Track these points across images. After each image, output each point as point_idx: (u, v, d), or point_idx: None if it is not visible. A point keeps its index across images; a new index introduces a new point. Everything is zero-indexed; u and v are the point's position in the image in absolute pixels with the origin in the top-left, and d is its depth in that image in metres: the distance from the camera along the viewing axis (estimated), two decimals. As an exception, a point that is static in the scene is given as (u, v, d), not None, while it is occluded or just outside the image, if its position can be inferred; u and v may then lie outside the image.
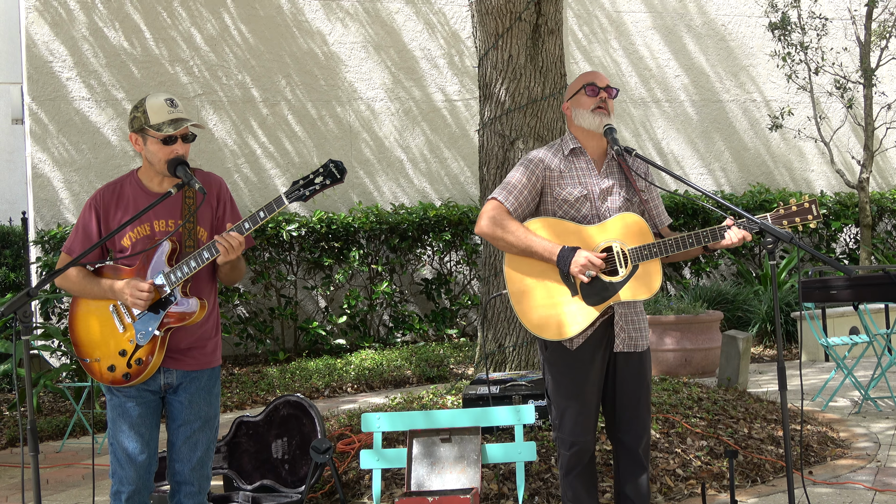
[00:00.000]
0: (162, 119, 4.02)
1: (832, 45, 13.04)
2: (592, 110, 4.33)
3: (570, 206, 4.30)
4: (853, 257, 13.22)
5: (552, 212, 4.33)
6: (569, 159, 4.37)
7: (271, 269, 11.33)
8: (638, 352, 4.34)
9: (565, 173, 4.34)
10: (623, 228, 4.23)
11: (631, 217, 4.26)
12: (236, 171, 11.80)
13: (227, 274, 4.15)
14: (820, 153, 13.77)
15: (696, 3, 13.59)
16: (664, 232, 4.45)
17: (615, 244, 4.20)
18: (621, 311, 4.28)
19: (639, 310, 4.37)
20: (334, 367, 10.09)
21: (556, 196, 4.32)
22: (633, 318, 4.32)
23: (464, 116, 12.61)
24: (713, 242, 4.15)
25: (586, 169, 4.36)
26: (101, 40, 11.40)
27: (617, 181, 4.37)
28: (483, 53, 7.37)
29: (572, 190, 4.31)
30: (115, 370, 4.04)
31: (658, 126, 13.42)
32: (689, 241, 4.15)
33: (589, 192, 4.31)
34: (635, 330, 4.33)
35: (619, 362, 4.33)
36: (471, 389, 6.33)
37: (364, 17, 12.32)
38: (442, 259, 11.99)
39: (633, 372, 4.34)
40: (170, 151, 4.04)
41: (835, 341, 8.51)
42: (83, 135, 11.32)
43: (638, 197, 4.38)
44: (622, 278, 4.19)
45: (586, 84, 4.37)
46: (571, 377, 4.30)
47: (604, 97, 4.33)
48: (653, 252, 4.16)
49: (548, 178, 4.34)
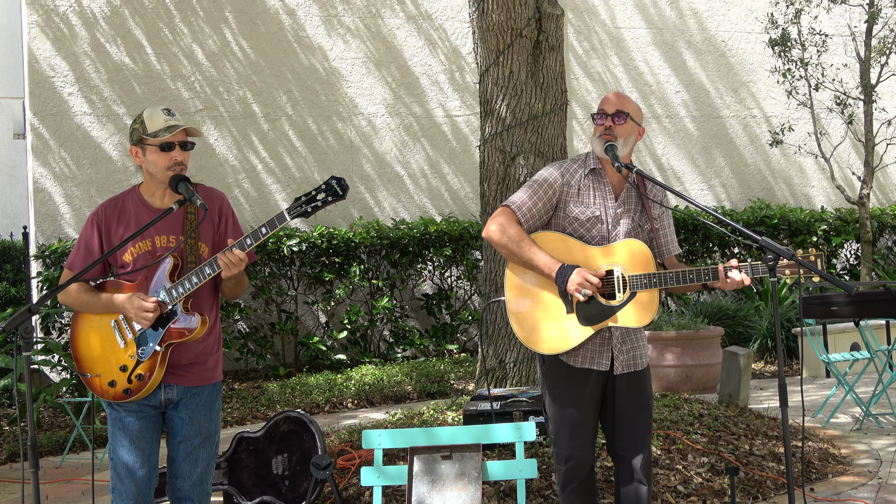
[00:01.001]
0: (159, 126, 4.05)
1: (832, 62, 13.07)
2: (598, 136, 4.38)
3: (580, 224, 4.33)
4: (854, 273, 13.22)
5: (562, 227, 4.35)
6: (589, 178, 4.40)
7: (272, 284, 11.33)
8: (637, 370, 4.36)
9: (583, 191, 4.37)
10: (627, 254, 4.26)
11: (637, 244, 4.28)
12: (237, 187, 11.81)
13: (230, 289, 4.16)
14: (820, 169, 13.79)
15: (696, 19, 13.63)
16: (670, 261, 4.47)
17: (617, 268, 4.23)
18: (619, 332, 4.31)
19: (637, 329, 4.38)
20: (335, 383, 10.08)
21: (569, 213, 4.35)
22: (630, 338, 4.34)
23: (464, 132, 12.64)
24: (713, 281, 4.20)
25: (603, 192, 4.39)
26: (102, 56, 11.43)
27: (633, 207, 4.40)
28: (484, 70, 7.39)
29: (585, 210, 4.34)
30: (116, 385, 4.03)
31: (658, 142, 13.44)
32: (689, 277, 4.19)
33: (602, 214, 4.34)
34: (634, 349, 4.35)
35: (619, 380, 4.34)
36: (471, 405, 6.32)
37: (365, 33, 12.35)
38: (442, 274, 11.99)
39: (633, 389, 4.35)
40: (169, 158, 4.05)
41: (836, 357, 8.50)
42: (84, 150, 11.34)
43: (650, 224, 4.40)
44: (619, 303, 4.22)
45: (598, 112, 4.43)
46: (567, 392, 4.32)
47: (608, 125, 4.36)
48: (653, 282, 4.19)
49: (564, 193, 4.37)
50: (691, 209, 12.05)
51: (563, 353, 4.28)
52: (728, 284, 4.16)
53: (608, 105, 4.41)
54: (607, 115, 4.38)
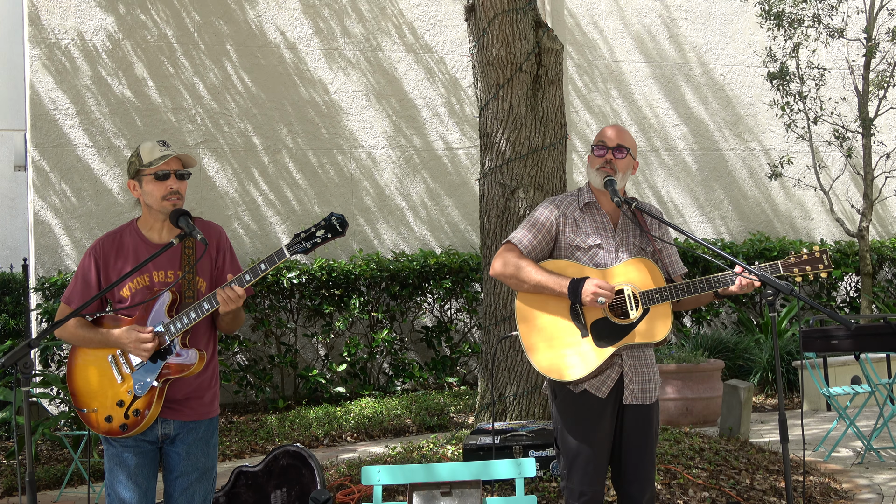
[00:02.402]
0: (154, 157, 4.06)
1: (830, 95, 13.12)
2: (598, 169, 4.38)
3: (583, 252, 4.34)
4: (854, 306, 13.21)
5: (565, 258, 4.36)
6: (584, 211, 4.41)
7: (271, 316, 11.31)
8: (647, 404, 4.34)
9: (580, 224, 4.38)
10: (635, 272, 4.27)
11: (643, 262, 4.30)
12: (237, 219, 11.83)
13: (227, 324, 4.16)
14: (819, 202, 13.81)
15: (695, 54, 13.70)
16: (678, 280, 4.47)
17: (627, 287, 4.23)
18: (631, 362, 4.29)
19: (649, 361, 4.37)
20: (334, 416, 10.04)
21: (570, 242, 4.36)
22: (642, 370, 4.33)
23: (464, 165, 12.67)
24: (723, 288, 4.20)
25: (601, 223, 4.40)
26: (104, 89, 11.48)
27: (631, 232, 4.41)
28: (484, 103, 7.42)
29: (586, 238, 4.35)
30: (113, 421, 4.02)
31: (658, 175, 13.47)
32: (699, 286, 4.19)
33: (603, 242, 4.35)
34: (645, 382, 4.33)
35: (628, 414, 4.32)
36: (471, 439, 6.30)
37: (365, 66, 12.41)
38: (442, 307, 11.98)
39: (641, 424, 4.33)
40: (164, 187, 4.06)
41: (836, 391, 8.48)
42: (85, 182, 11.36)
43: (652, 246, 4.41)
44: (633, 320, 4.21)
45: (597, 143, 4.43)
46: (582, 426, 4.29)
47: (609, 158, 4.37)
48: (664, 296, 4.19)
49: (563, 224, 4.38)
50: (691, 242, 12.06)
51: (574, 382, 4.26)
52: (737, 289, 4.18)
53: (608, 138, 4.41)
54: (607, 148, 4.39)
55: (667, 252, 4.47)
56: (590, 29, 13.32)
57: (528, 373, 7.16)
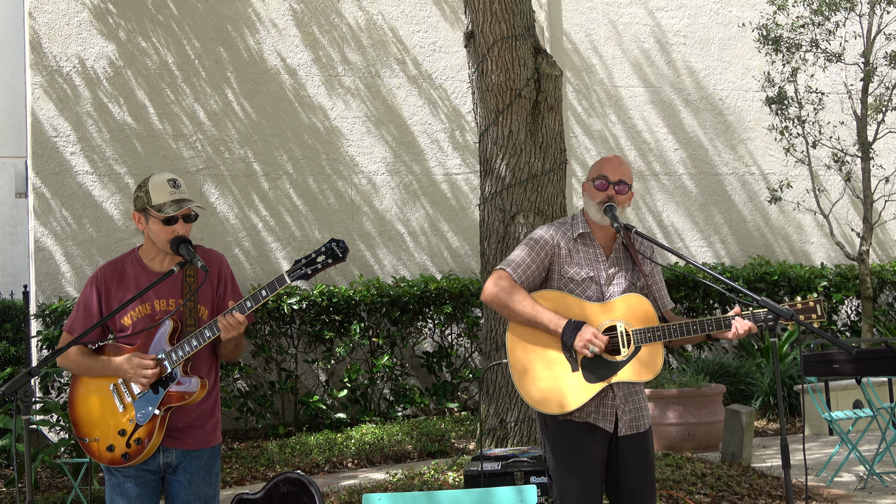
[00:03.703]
0: (164, 200, 4.04)
1: (829, 119, 13.15)
2: (599, 203, 4.36)
3: (575, 284, 4.32)
4: (855, 329, 13.19)
5: (557, 289, 4.34)
6: (577, 242, 4.40)
7: (272, 342, 11.30)
8: (640, 432, 4.33)
9: (573, 255, 4.36)
10: (628, 309, 4.25)
11: (636, 299, 4.28)
12: (237, 245, 11.84)
13: (230, 352, 4.15)
14: (819, 225, 13.82)
15: (693, 78, 13.75)
16: (667, 315, 4.46)
17: (619, 324, 4.22)
18: (622, 393, 4.28)
19: (639, 389, 4.37)
20: (335, 442, 10.01)
21: (563, 274, 4.34)
22: (633, 399, 4.32)
23: (464, 190, 12.69)
24: (717, 332, 4.18)
25: (594, 255, 4.38)
26: (105, 116, 11.52)
27: (623, 265, 4.40)
28: (484, 129, 7.45)
29: (579, 270, 4.33)
30: (114, 450, 4.01)
31: (657, 199, 13.49)
32: (693, 328, 4.18)
33: (596, 275, 4.34)
34: (637, 410, 4.33)
35: (622, 443, 4.31)
36: (472, 466, 6.28)
37: (365, 93, 12.46)
38: (443, 332, 11.97)
39: (636, 452, 4.32)
40: (171, 231, 4.06)
41: (838, 415, 8.45)
42: (86, 209, 11.38)
43: (643, 280, 4.40)
44: (624, 358, 4.20)
45: (598, 176, 4.40)
46: (573, 455, 4.28)
47: (610, 194, 4.36)
48: (656, 335, 4.18)
49: (556, 255, 4.36)
50: (691, 267, 12.06)
51: (569, 414, 4.25)
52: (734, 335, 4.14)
53: (611, 172, 4.38)
54: (609, 183, 4.37)
55: (657, 287, 4.46)
56: (588, 54, 13.38)
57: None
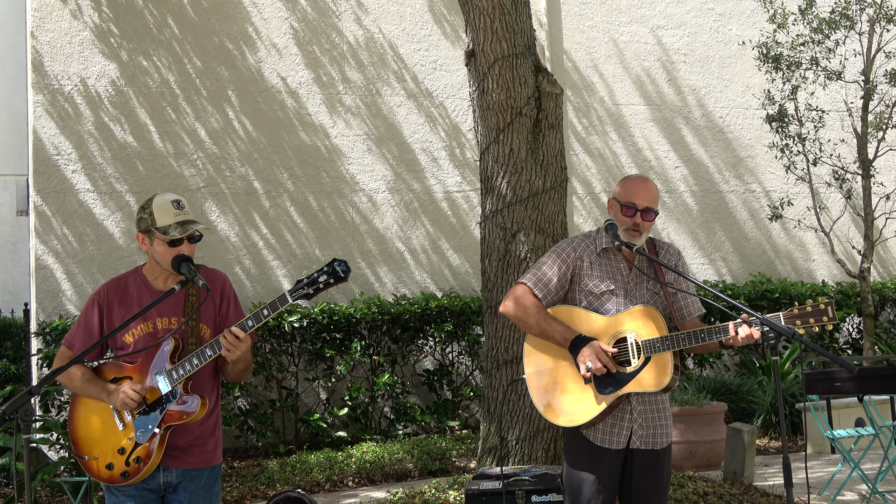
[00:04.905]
0: (168, 222, 4.04)
1: (830, 137, 13.17)
2: (625, 229, 4.39)
3: (595, 297, 4.36)
4: (857, 347, 13.17)
5: (578, 300, 4.40)
6: (600, 256, 4.44)
7: (273, 360, 11.28)
8: (657, 449, 4.33)
9: (595, 267, 4.41)
10: (640, 320, 4.29)
11: (646, 309, 4.32)
12: (238, 264, 11.84)
13: (238, 373, 4.14)
14: (820, 243, 13.82)
15: (694, 96, 13.77)
16: (693, 322, 4.47)
17: (630, 335, 4.25)
18: (640, 407, 4.29)
19: (661, 406, 4.36)
20: (335, 460, 9.98)
21: (584, 287, 4.39)
22: (653, 416, 4.32)
23: (464, 208, 12.69)
24: (724, 338, 4.19)
25: (616, 267, 4.43)
26: (106, 134, 11.53)
27: (645, 276, 4.43)
28: (484, 147, 7.46)
29: (599, 283, 4.38)
30: (114, 468, 4.00)
31: (659, 217, 13.47)
32: (700, 336, 4.21)
33: (616, 288, 4.37)
34: (656, 427, 4.32)
35: (637, 458, 4.31)
36: (473, 484, 6.25)
37: (365, 112, 12.48)
38: (444, 350, 11.95)
39: (651, 468, 4.32)
40: (176, 252, 4.06)
41: (840, 433, 8.43)
42: (87, 227, 11.38)
43: (664, 290, 4.42)
44: (634, 369, 4.23)
45: (626, 202, 4.40)
46: (587, 468, 4.29)
47: (637, 221, 4.38)
48: (665, 345, 4.21)
49: (578, 268, 4.41)
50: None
51: (584, 427, 4.27)
52: (738, 340, 4.16)
53: (639, 198, 4.40)
54: (637, 210, 4.38)
55: (682, 294, 4.48)
56: (589, 72, 13.41)
57: (530, 416, 7.13)
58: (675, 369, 4.25)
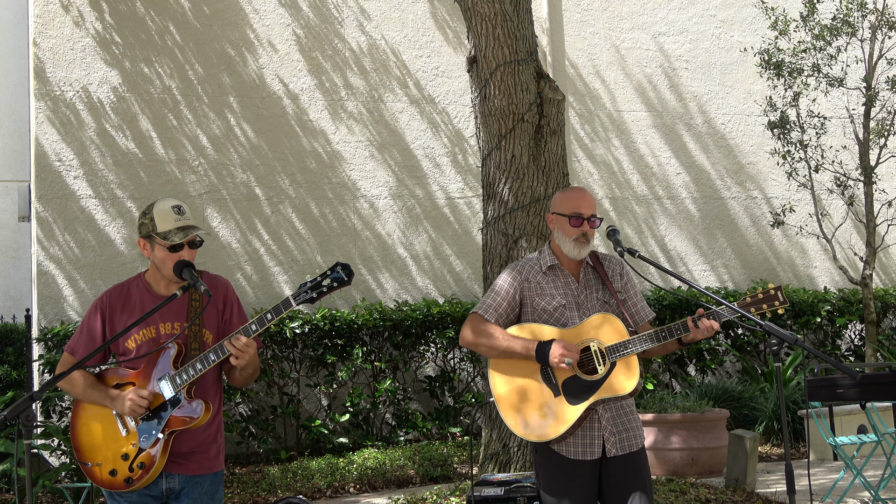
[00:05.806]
0: (169, 227, 4.05)
1: (831, 144, 13.17)
2: (574, 240, 4.45)
3: (549, 314, 4.44)
4: (859, 354, 13.15)
5: (532, 321, 4.45)
6: (546, 274, 4.49)
7: (274, 366, 11.27)
8: (632, 451, 4.35)
9: (544, 286, 4.47)
10: (599, 328, 4.35)
11: (605, 317, 4.38)
12: (239, 270, 11.84)
13: (245, 378, 4.14)
14: (822, 249, 13.81)
15: (696, 103, 13.78)
16: (644, 328, 4.53)
17: (592, 343, 4.29)
18: (608, 414, 4.34)
19: (628, 410, 4.43)
20: (336, 467, 9.97)
21: (536, 306, 4.46)
22: (622, 420, 4.37)
23: (466, 214, 12.70)
24: (685, 335, 4.27)
25: (564, 282, 4.49)
26: (108, 141, 11.54)
27: (594, 286, 4.51)
28: (486, 154, 7.46)
29: (551, 300, 4.46)
30: (117, 475, 3.99)
31: (661, 223, 13.49)
32: (661, 335, 4.29)
33: (568, 302, 4.43)
34: (627, 430, 4.37)
35: (615, 465, 4.34)
36: (475, 491, 6.25)
37: (367, 118, 12.48)
38: (445, 356, 11.94)
39: (628, 471, 4.34)
40: (176, 258, 4.06)
41: (843, 440, 8.42)
42: (88, 233, 11.38)
43: (614, 298, 4.46)
44: (601, 376, 4.30)
45: (572, 213, 4.47)
46: (562, 483, 4.32)
47: (585, 230, 4.45)
48: (628, 348, 4.25)
49: (526, 289, 4.48)
50: (693, 291, 12.04)
51: (556, 441, 4.30)
52: (699, 334, 4.24)
53: (584, 207, 4.49)
54: (583, 219, 4.45)
55: (631, 301, 4.56)
56: (591, 79, 13.42)
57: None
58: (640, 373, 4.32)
